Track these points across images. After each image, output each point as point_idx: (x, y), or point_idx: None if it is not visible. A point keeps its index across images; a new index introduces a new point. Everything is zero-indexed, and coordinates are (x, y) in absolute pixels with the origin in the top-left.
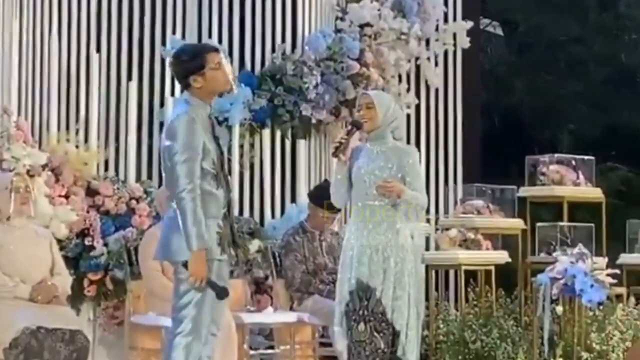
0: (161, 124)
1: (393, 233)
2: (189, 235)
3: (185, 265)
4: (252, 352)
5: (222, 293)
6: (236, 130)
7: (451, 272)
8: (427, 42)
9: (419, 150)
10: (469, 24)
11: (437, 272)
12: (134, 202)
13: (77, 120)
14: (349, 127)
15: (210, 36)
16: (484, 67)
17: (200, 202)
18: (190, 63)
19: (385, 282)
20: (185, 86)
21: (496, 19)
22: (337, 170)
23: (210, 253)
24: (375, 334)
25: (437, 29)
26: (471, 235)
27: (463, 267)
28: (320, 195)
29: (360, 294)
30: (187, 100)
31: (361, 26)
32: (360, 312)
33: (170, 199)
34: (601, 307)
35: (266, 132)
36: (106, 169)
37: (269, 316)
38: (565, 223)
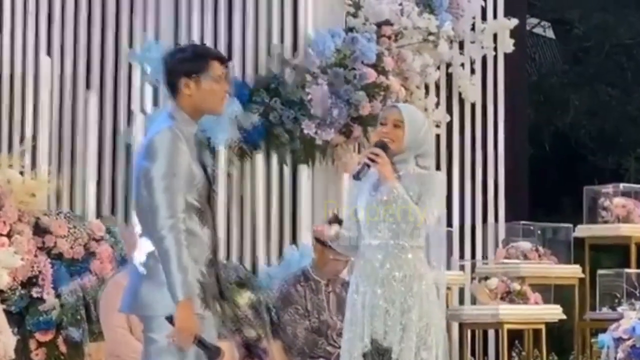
0: (128, 147)
1: (415, 279)
2: (173, 284)
3: (170, 319)
4: None
5: (215, 354)
6: (222, 154)
7: (491, 332)
8: (461, 44)
9: (451, 178)
10: (513, 22)
11: (473, 332)
12: (93, 243)
13: (21, 141)
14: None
15: (190, 35)
16: (531, 78)
17: (185, 241)
18: (188, 63)
19: (405, 341)
20: (173, 92)
21: (547, 18)
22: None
23: None
24: None
25: (473, 29)
26: (516, 285)
27: (506, 326)
28: None
29: (376, 358)
30: (171, 114)
31: (379, 24)
32: None
33: (143, 236)
34: None
35: (259, 157)
36: (59, 202)
37: None
38: (633, 270)
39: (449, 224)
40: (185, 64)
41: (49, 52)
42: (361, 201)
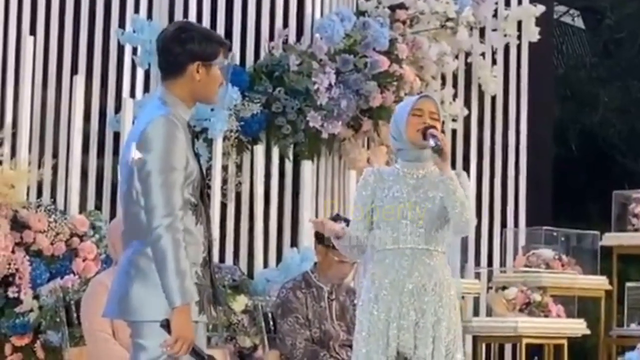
0: (116, 136)
1: (444, 288)
2: (170, 288)
3: (165, 325)
4: None
5: None
6: (218, 146)
7: (508, 347)
8: (482, 32)
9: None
10: (540, 10)
11: (488, 346)
12: (76, 240)
13: (0, 127)
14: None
15: (186, 16)
16: (557, 71)
17: (183, 242)
18: (204, 45)
19: (436, 354)
20: (176, 74)
21: (576, 6)
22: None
23: None
24: None
25: (495, 15)
26: (536, 296)
27: (524, 340)
28: None
29: None
30: (163, 99)
31: (392, 8)
32: None
33: (131, 235)
34: None
35: (259, 149)
36: (39, 194)
37: None
38: None
39: None
40: (199, 46)
41: (32, 32)
42: (383, 199)
